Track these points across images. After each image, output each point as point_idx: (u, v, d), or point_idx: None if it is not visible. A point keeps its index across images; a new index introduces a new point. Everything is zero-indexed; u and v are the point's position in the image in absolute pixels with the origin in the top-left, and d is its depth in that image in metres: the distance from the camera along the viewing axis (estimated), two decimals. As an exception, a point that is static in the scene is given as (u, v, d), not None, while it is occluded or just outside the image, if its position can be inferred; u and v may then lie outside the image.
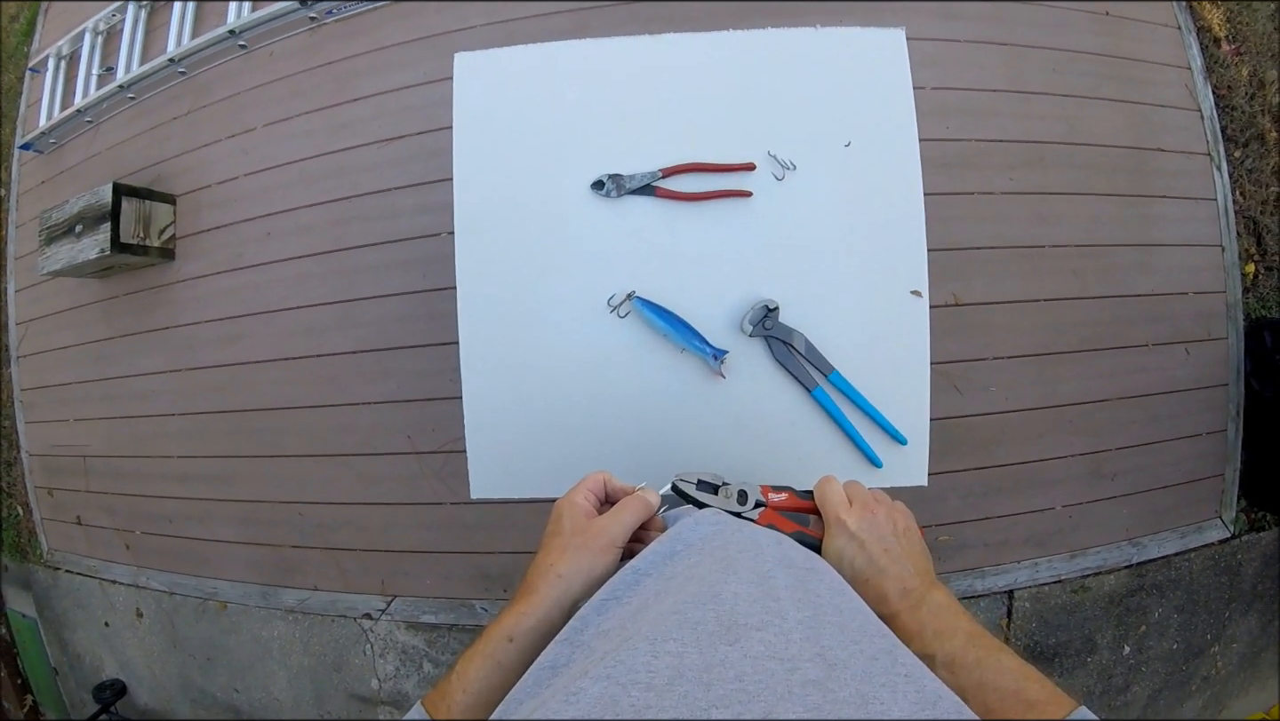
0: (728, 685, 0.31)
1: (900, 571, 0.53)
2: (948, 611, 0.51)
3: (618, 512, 0.54)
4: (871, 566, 0.53)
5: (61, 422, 2.52)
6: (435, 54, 2.01)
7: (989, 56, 1.87)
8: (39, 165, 2.65)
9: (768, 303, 0.85)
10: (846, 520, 0.55)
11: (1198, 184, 1.94)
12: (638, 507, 0.55)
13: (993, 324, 1.81)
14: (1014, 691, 0.44)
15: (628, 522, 0.54)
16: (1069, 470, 1.83)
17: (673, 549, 0.50)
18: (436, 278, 1.93)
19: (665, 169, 0.89)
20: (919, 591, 0.52)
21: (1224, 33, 2.03)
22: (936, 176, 1.78)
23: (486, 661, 0.47)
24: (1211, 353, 1.92)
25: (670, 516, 0.62)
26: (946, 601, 0.52)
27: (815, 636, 0.36)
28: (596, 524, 0.53)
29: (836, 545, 0.55)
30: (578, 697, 0.31)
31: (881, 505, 0.57)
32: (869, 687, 0.32)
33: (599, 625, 0.42)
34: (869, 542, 0.54)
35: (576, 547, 0.51)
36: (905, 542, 0.55)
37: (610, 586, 0.47)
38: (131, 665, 2.50)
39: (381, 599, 2.03)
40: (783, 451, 0.87)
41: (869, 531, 0.54)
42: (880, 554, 0.53)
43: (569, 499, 0.56)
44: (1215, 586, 1.90)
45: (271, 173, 2.14)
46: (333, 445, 2.05)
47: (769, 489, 0.61)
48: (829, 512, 0.57)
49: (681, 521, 0.54)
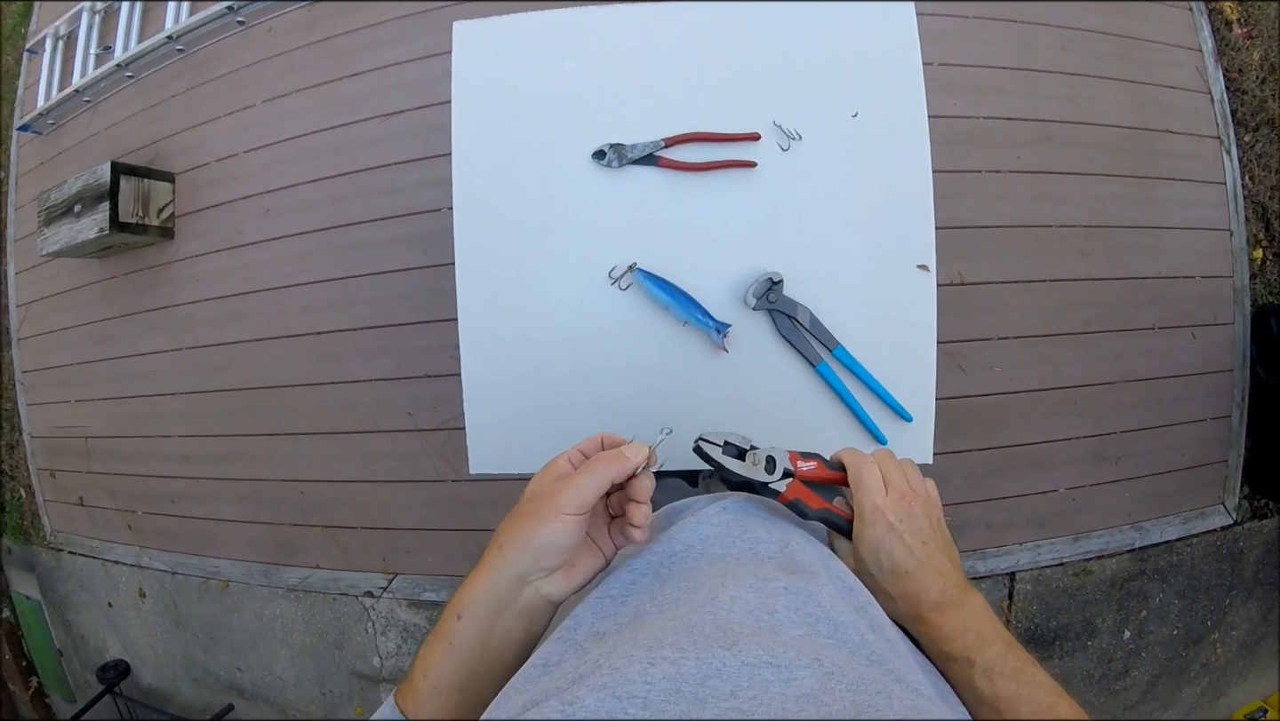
0: (723, 701, 0.31)
1: (940, 566, 0.51)
2: (986, 616, 0.49)
3: (579, 474, 0.47)
4: (911, 559, 0.51)
5: (63, 404, 2.52)
6: (434, 28, 1.99)
7: (997, 33, 1.84)
8: (37, 146, 2.63)
9: (772, 275, 0.84)
10: (885, 510, 0.52)
11: (1206, 167, 1.92)
12: (604, 468, 0.47)
13: (998, 303, 1.80)
14: (1047, 708, 0.44)
15: (586, 487, 0.46)
16: (1073, 452, 1.83)
17: (671, 549, 0.49)
18: (437, 254, 1.92)
19: (668, 138, 0.87)
20: (959, 589, 0.50)
21: (1236, 15, 2.00)
22: (943, 154, 1.75)
23: (441, 642, 0.45)
24: (1217, 337, 1.90)
25: (675, 509, 0.60)
26: (984, 606, 0.50)
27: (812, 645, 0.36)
28: (549, 489, 0.47)
29: (874, 535, 0.52)
30: (573, 708, 0.31)
31: (918, 498, 0.53)
32: (864, 697, 0.32)
33: (593, 625, 0.42)
34: (908, 534, 0.51)
35: (524, 515, 0.47)
36: (940, 538, 0.53)
37: (606, 585, 0.46)
38: (135, 645, 2.52)
39: (383, 576, 2.04)
40: (786, 427, 0.86)
41: (907, 524, 0.52)
42: (919, 546, 0.51)
43: (551, 460, 0.51)
44: (1217, 573, 1.90)
45: (270, 149, 2.12)
46: (333, 423, 2.05)
47: (798, 456, 0.56)
48: (865, 499, 0.53)
49: (682, 520, 0.54)
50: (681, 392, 0.87)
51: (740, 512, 0.55)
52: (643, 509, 0.49)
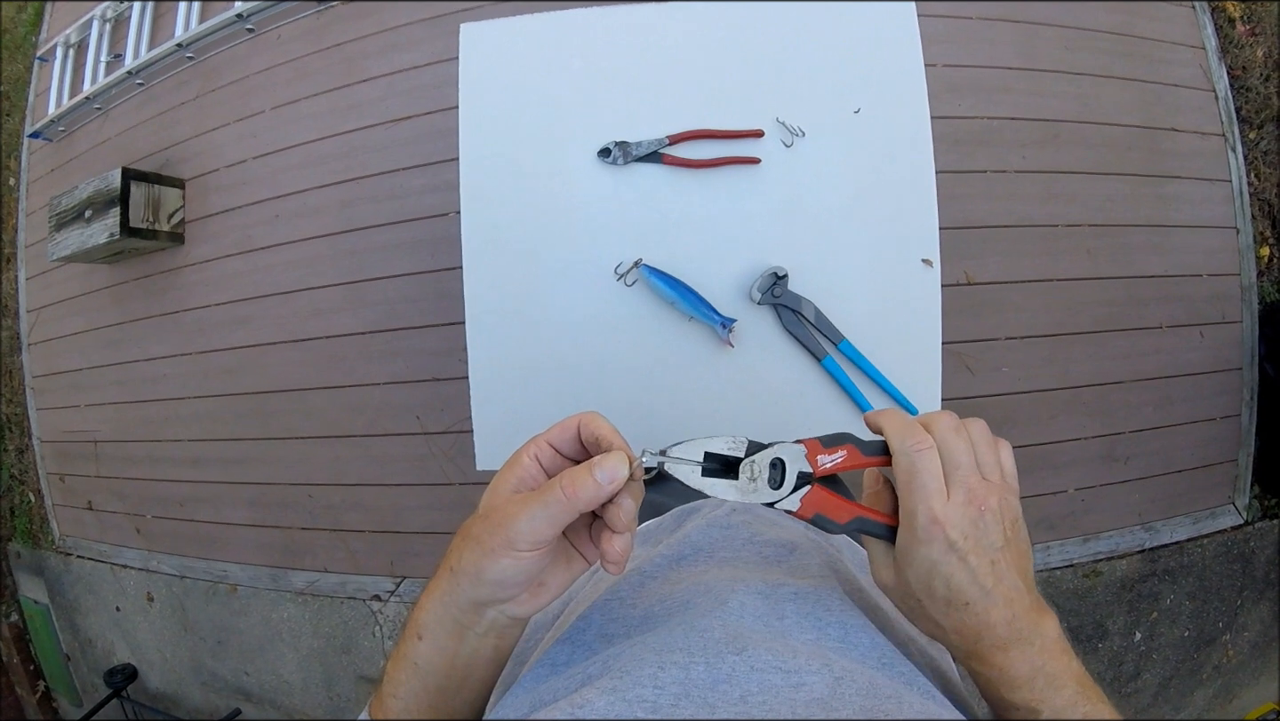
0: (732, 706, 0.31)
1: (1009, 593, 0.39)
2: (1059, 651, 0.39)
3: (528, 503, 0.37)
4: (976, 588, 0.38)
5: (73, 408, 2.54)
6: (443, 33, 2.00)
7: (1001, 33, 1.85)
8: (48, 153, 2.66)
9: (776, 270, 0.84)
10: (945, 523, 0.37)
11: (1212, 165, 1.91)
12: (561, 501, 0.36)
13: (1006, 303, 1.79)
14: None
15: (538, 520, 0.36)
16: (1082, 452, 1.82)
17: (680, 553, 0.49)
18: (445, 257, 1.93)
19: (673, 135, 0.88)
20: (1030, 619, 0.39)
21: (1239, 13, 1.99)
22: (949, 154, 1.76)
23: (405, 663, 0.40)
24: (1226, 336, 1.89)
25: (684, 511, 0.60)
26: (1057, 636, 0.40)
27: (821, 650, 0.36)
28: (502, 511, 0.37)
29: (928, 556, 0.38)
30: (583, 711, 0.31)
31: (992, 492, 0.39)
32: (874, 701, 0.32)
33: (601, 627, 0.42)
34: (973, 555, 0.38)
35: (473, 539, 0.38)
36: (1015, 548, 0.40)
37: (615, 586, 0.46)
38: (142, 649, 2.53)
39: (391, 580, 2.04)
40: (792, 421, 0.86)
41: (975, 539, 0.38)
42: (986, 570, 0.38)
43: (512, 457, 0.40)
44: (1227, 573, 1.88)
45: (280, 155, 2.14)
46: (342, 426, 2.06)
47: (819, 446, 0.41)
48: (919, 504, 0.38)
49: (691, 523, 0.53)
50: (687, 387, 0.87)
51: (749, 515, 0.54)
52: (620, 540, 0.38)
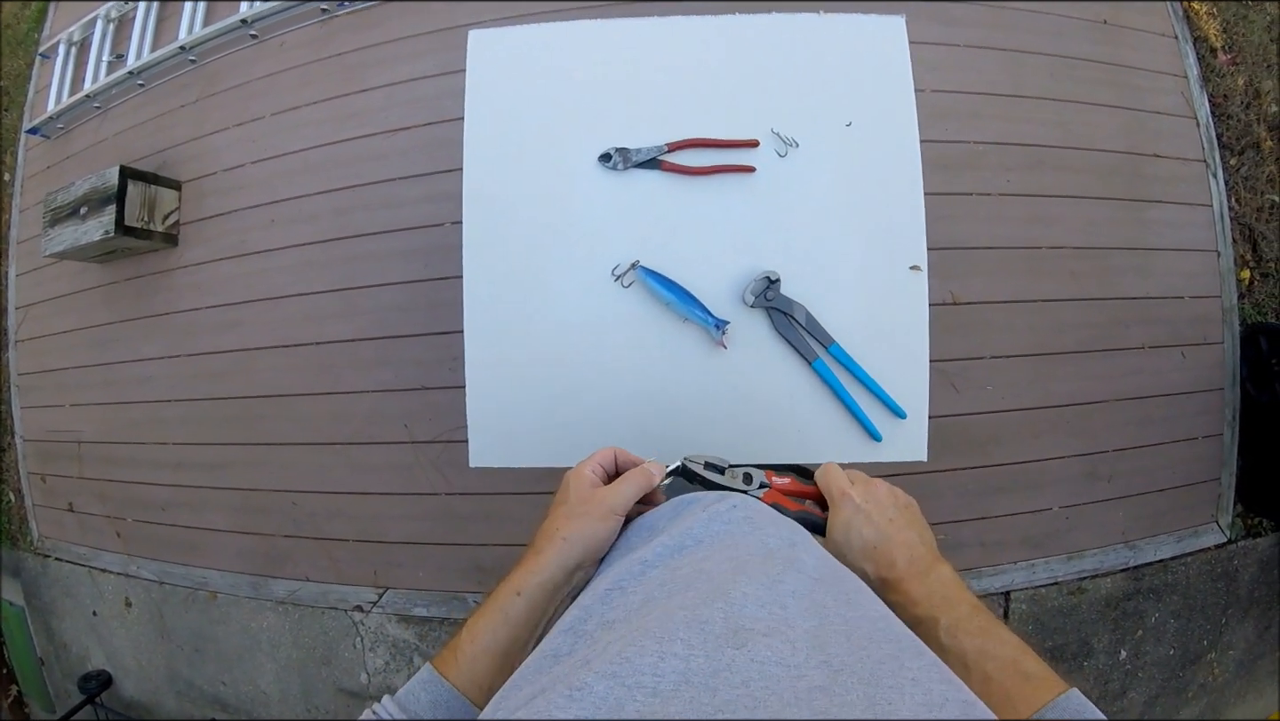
0: (734, 690, 0.31)
1: (907, 539, 0.56)
2: (953, 583, 0.53)
3: (620, 484, 0.58)
4: (878, 534, 0.56)
5: (58, 408, 2.51)
6: (447, 46, 2.03)
7: (987, 61, 1.90)
8: (45, 150, 2.66)
9: (769, 274, 0.86)
10: (851, 493, 0.59)
11: (1194, 190, 1.97)
12: (639, 480, 0.59)
13: (990, 323, 1.82)
14: (1012, 661, 0.46)
15: (628, 494, 0.57)
16: (1065, 471, 1.84)
17: (681, 543, 0.49)
18: (439, 267, 1.93)
19: (671, 143, 0.90)
20: (927, 560, 0.55)
21: (1220, 42, 2.06)
22: (935, 177, 1.78)
23: (496, 614, 0.51)
24: (1207, 357, 1.93)
25: (682, 502, 0.61)
26: (952, 575, 0.54)
27: (821, 645, 0.36)
28: (599, 493, 0.57)
29: (844, 517, 0.58)
30: (582, 694, 0.31)
31: (881, 483, 0.60)
32: (876, 690, 0.32)
33: (602, 615, 0.42)
34: (874, 513, 0.57)
35: (580, 515, 0.55)
36: (908, 515, 0.58)
37: (615, 576, 0.46)
38: (118, 655, 2.47)
39: (373, 590, 2.02)
40: (783, 422, 0.88)
41: (873, 503, 0.58)
42: (885, 523, 0.57)
43: (577, 471, 0.59)
44: (1212, 592, 1.90)
45: (278, 161, 2.15)
46: (328, 433, 2.04)
47: (773, 473, 0.64)
48: (834, 489, 0.60)
49: (692, 514, 0.54)
50: (681, 387, 0.88)
51: (751, 511, 0.55)
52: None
